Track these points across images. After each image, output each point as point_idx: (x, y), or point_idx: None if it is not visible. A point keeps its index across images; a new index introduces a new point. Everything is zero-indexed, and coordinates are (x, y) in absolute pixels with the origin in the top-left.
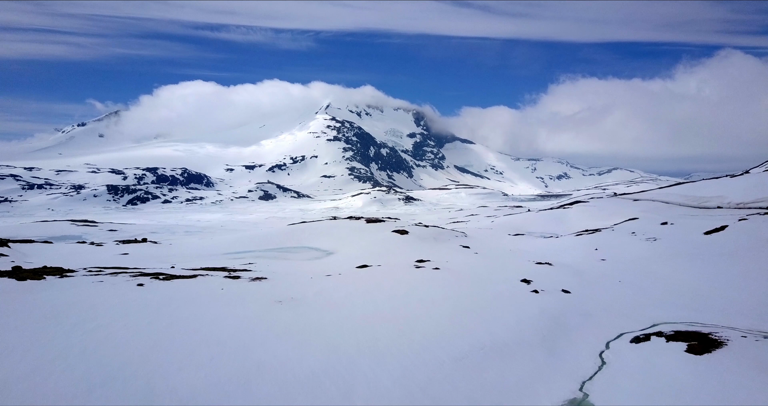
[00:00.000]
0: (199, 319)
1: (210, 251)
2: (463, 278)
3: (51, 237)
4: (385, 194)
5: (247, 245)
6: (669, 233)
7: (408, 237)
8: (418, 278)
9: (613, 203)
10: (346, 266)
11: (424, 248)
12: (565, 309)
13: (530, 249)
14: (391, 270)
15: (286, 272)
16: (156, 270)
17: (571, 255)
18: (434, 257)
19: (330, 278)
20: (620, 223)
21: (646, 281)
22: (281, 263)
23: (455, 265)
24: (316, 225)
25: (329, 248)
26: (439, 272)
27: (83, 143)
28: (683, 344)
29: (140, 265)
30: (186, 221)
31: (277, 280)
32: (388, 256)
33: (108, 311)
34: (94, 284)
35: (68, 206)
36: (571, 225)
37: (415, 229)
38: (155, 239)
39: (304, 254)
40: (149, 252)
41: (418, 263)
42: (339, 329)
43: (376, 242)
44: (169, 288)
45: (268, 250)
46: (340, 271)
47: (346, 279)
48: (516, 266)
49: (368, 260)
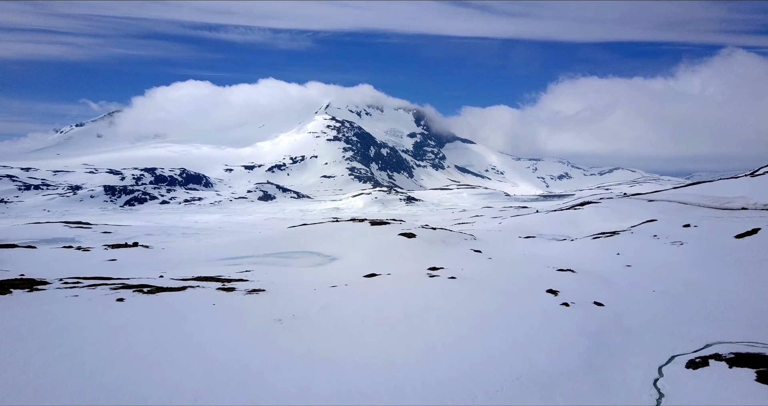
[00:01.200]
0: (185, 344)
1: (205, 256)
2: (483, 288)
3: (43, 240)
4: (386, 195)
5: (244, 249)
6: (695, 236)
7: (416, 241)
8: (433, 289)
9: (627, 204)
10: (353, 274)
11: (434, 252)
12: (604, 326)
13: (545, 253)
14: (403, 280)
15: (287, 282)
16: (141, 281)
17: (591, 260)
18: (447, 264)
19: (336, 290)
20: (638, 225)
21: (683, 291)
22: (281, 271)
23: (471, 273)
24: (317, 228)
25: (332, 253)
26: (456, 281)
27: (81, 143)
28: (750, 370)
29: (127, 273)
30: (183, 223)
31: (277, 292)
32: (397, 262)
33: (78, 335)
34: (67, 299)
35: (65, 206)
36: (584, 227)
37: (422, 232)
38: (151, 241)
39: (305, 260)
40: (139, 258)
41: (431, 271)
42: (349, 355)
43: (383, 247)
44: (152, 304)
45: (266, 255)
46: (347, 280)
47: (353, 291)
48: (536, 273)
49: (375, 266)
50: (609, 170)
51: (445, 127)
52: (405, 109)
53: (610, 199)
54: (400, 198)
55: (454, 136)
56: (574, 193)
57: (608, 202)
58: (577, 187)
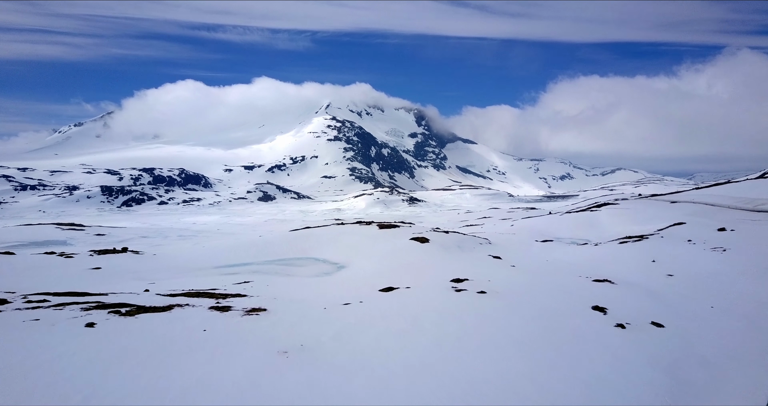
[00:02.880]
0: (163, 392)
1: (199, 263)
2: (520, 306)
3: (33, 242)
4: (389, 195)
5: (242, 255)
6: (737, 241)
7: (429, 246)
8: (463, 308)
9: (648, 205)
10: (366, 287)
11: (451, 259)
12: (675, 356)
13: (569, 259)
14: (426, 295)
15: (291, 298)
16: (122, 297)
17: (626, 268)
18: (468, 273)
19: (349, 309)
20: (665, 228)
21: (749, 310)
22: (284, 282)
23: (500, 285)
24: (321, 231)
25: (340, 260)
26: (487, 297)
27: (80, 143)
28: None
29: (110, 284)
30: (181, 224)
31: (280, 312)
32: (413, 271)
33: (25, 378)
34: (24, 325)
35: (60, 207)
36: (604, 230)
37: (435, 236)
38: (145, 244)
39: (310, 268)
40: (127, 266)
41: (455, 283)
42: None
43: (395, 253)
44: (129, 331)
45: (267, 262)
46: (360, 296)
47: (371, 311)
48: (571, 284)
49: (390, 277)
50: (611, 171)
51: (446, 128)
52: (406, 109)
53: (626, 200)
54: (402, 199)
55: (456, 137)
56: (578, 194)
57: (627, 203)
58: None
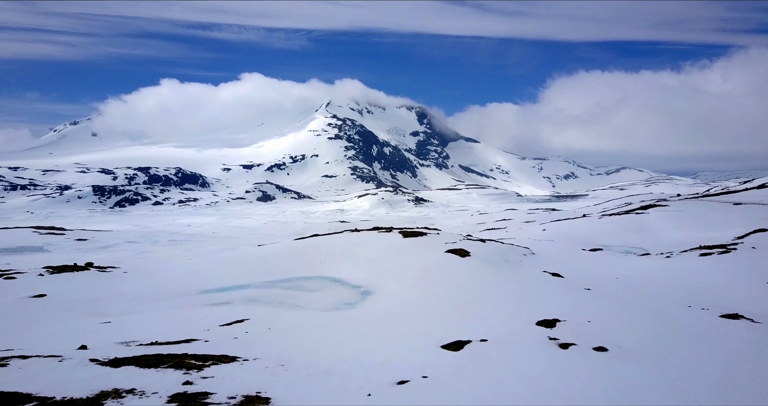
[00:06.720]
0: None
1: (181, 285)
2: (664, 374)
3: (6, 249)
4: (393, 195)
5: (238, 273)
6: None
7: (472, 261)
8: (600, 387)
9: (706, 208)
10: (415, 335)
11: (506, 281)
12: None
13: (643, 276)
14: (521, 359)
15: (306, 362)
16: (25, 374)
17: (742, 294)
18: (549, 306)
19: (410, 395)
20: (746, 235)
21: None
22: (292, 320)
23: (609, 330)
24: (333, 241)
25: (362, 282)
26: (616, 360)
27: (76, 142)
28: None
29: (48, 322)
30: (174, 226)
31: (292, 403)
32: (474, 305)
33: None
34: None
35: (49, 208)
36: (659, 236)
37: (474, 247)
38: (131, 250)
39: (324, 294)
40: (83, 291)
41: (546, 328)
42: None
43: (432, 272)
44: None
45: (268, 284)
46: (417, 358)
47: (450, 397)
48: (703, 326)
49: (441, 313)
50: (616, 170)
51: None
52: (407, 108)
53: (675, 200)
54: (407, 199)
55: (458, 135)
56: (588, 194)
57: (677, 205)
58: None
